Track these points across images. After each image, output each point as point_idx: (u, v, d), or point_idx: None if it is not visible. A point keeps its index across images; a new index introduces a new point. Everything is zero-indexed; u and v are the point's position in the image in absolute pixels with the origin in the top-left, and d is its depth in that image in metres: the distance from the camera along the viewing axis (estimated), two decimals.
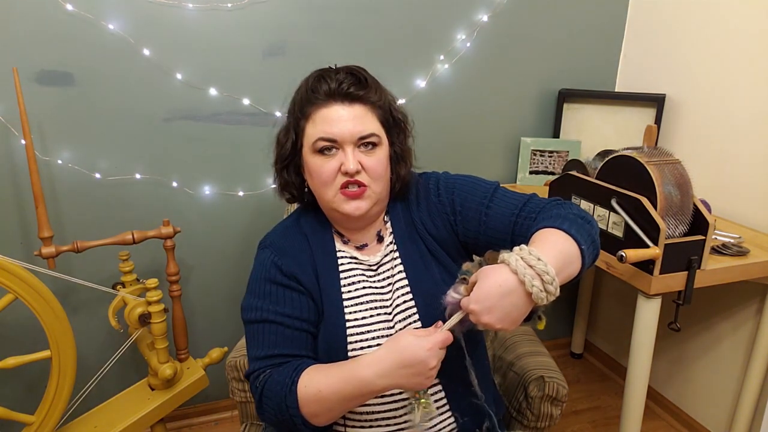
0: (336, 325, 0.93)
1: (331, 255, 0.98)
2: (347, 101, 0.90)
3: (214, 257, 1.72)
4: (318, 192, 0.94)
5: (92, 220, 1.55)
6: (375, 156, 0.92)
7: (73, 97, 1.46)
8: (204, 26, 1.51)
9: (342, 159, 0.89)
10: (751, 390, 1.51)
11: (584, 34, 1.90)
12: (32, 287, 1.16)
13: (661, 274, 1.22)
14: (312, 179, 0.94)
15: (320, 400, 0.83)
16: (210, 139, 1.61)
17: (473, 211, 0.96)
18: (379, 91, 0.94)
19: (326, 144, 0.89)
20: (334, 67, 0.95)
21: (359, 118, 0.90)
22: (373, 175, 0.91)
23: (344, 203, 0.91)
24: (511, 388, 1.21)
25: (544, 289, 0.74)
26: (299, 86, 0.96)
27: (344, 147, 0.89)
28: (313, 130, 0.90)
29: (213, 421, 1.87)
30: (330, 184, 0.91)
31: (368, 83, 0.92)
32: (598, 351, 2.23)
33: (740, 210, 1.58)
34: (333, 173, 0.90)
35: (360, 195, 0.91)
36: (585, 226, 0.85)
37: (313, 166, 0.91)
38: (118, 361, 1.46)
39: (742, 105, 1.55)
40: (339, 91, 0.90)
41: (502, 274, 0.75)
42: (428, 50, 1.74)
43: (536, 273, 0.73)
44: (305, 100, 0.92)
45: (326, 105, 0.90)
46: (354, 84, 0.91)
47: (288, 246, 0.98)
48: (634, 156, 1.27)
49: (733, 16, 1.56)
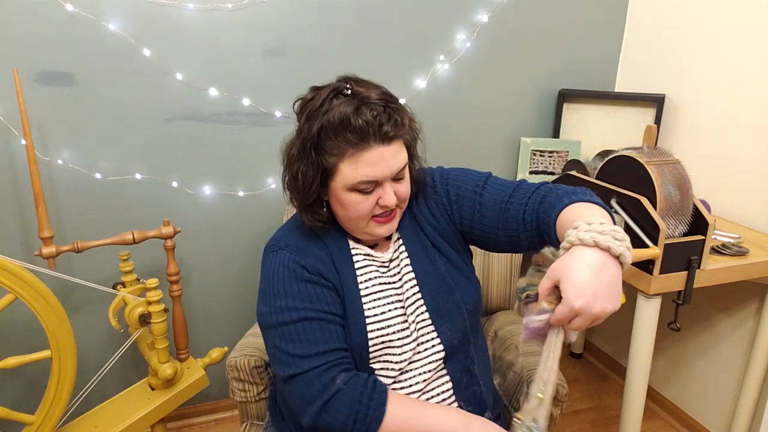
0: (357, 320, 0.94)
1: (346, 252, 0.99)
2: (386, 141, 0.87)
3: (214, 257, 1.72)
4: (350, 221, 0.94)
5: (92, 220, 1.55)
6: (405, 182, 0.94)
7: (73, 97, 1.46)
8: (204, 26, 1.51)
9: (380, 194, 0.90)
10: (751, 390, 1.51)
11: (584, 34, 1.90)
12: (32, 287, 1.16)
13: (660, 274, 1.22)
14: (346, 212, 0.93)
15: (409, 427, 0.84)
16: (210, 139, 1.61)
17: (467, 200, 0.98)
18: (406, 118, 0.91)
19: (368, 186, 0.89)
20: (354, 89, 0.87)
21: (396, 155, 0.89)
22: (403, 198, 0.94)
23: (377, 228, 0.94)
24: (511, 388, 1.21)
25: (626, 248, 0.70)
26: (317, 111, 0.87)
27: (383, 184, 0.90)
28: (354, 173, 0.87)
29: (213, 421, 1.87)
30: (366, 218, 0.92)
31: (401, 121, 0.89)
32: (598, 351, 2.23)
33: (740, 210, 1.58)
34: (371, 207, 0.91)
35: (392, 219, 0.94)
36: (587, 194, 0.87)
37: (350, 203, 0.91)
38: (118, 361, 1.46)
39: (742, 105, 1.55)
40: (380, 134, 0.86)
41: (582, 254, 0.69)
42: (428, 50, 1.74)
43: (610, 236, 0.70)
44: (337, 136, 0.86)
45: (367, 148, 0.86)
46: (388, 121, 0.86)
47: (305, 245, 0.97)
48: (633, 156, 1.27)
49: (733, 17, 1.56)
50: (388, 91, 0.91)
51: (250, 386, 1.22)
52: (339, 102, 0.86)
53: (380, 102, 0.87)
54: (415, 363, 0.96)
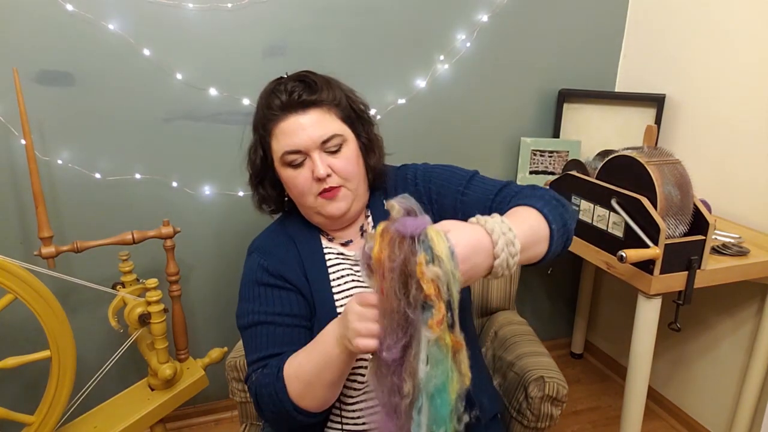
0: (328, 318, 0.93)
1: (317, 252, 1.00)
2: (301, 109, 0.91)
3: (214, 257, 1.72)
4: (298, 201, 0.98)
5: (92, 220, 1.55)
6: (342, 156, 0.93)
7: (73, 97, 1.46)
8: (204, 26, 1.51)
9: (311, 167, 0.91)
10: (751, 390, 1.51)
11: (584, 34, 1.90)
12: (32, 287, 1.16)
13: (661, 274, 1.22)
14: (290, 190, 0.97)
15: (299, 376, 0.83)
16: (210, 139, 1.61)
17: (449, 199, 0.97)
18: (331, 89, 0.94)
19: (293, 157, 0.92)
20: (285, 77, 0.96)
21: (318, 123, 0.91)
22: (344, 175, 0.93)
23: (326, 205, 0.94)
24: (511, 388, 1.21)
25: (506, 264, 0.70)
26: (258, 101, 0.97)
27: (311, 154, 0.91)
28: (278, 145, 0.93)
29: (213, 421, 1.87)
30: (308, 193, 0.93)
31: (318, 85, 0.93)
32: (598, 351, 2.23)
33: (740, 210, 1.58)
34: (308, 182, 0.92)
35: (335, 196, 0.93)
36: (559, 208, 0.84)
37: (288, 179, 0.95)
38: (118, 361, 1.46)
39: (742, 105, 1.55)
40: (291, 102, 0.90)
41: (477, 231, 0.70)
42: (428, 50, 1.74)
43: (505, 239, 0.70)
44: (264, 117, 0.94)
45: (284, 118, 0.91)
46: (305, 90, 0.91)
47: (273, 247, 1.00)
48: (634, 156, 1.27)
49: (733, 16, 1.56)
50: (324, 75, 0.96)
51: None
52: (269, 87, 0.95)
53: (298, 77, 0.94)
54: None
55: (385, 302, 0.65)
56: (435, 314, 0.62)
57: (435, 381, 0.64)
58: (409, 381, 0.65)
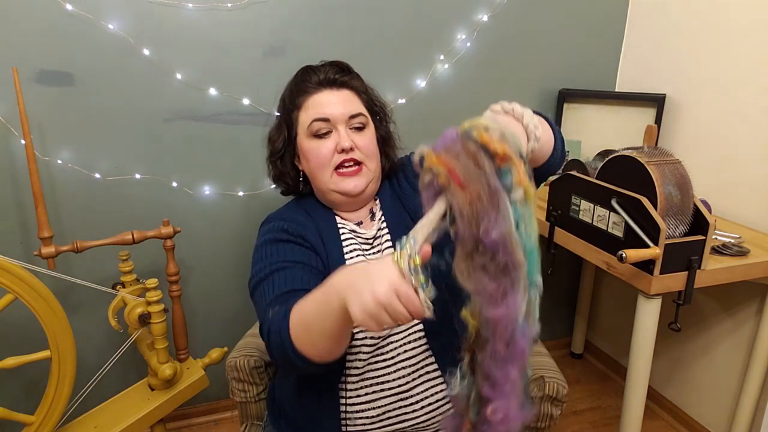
0: None
1: (333, 226, 1.04)
2: (335, 87, 1.02)
3: (214, 257, 1.72)
4: (315, 175, 1.02)
5: (92, 220, 1.55)
6: (366, 135, 1.02)
7: (73, 97, 1.46)
8: (204, 26, 1.51)
9: (336, 139, 0.98)
10: (751, 390, 1.51)
11: (584, 34, 1.90)
12: (32, 287, 1.16)
13: (661, 274, 1.22)
14: (309, 163, 1.02)
15: (301, 318, 0.78)
16: (210, 139, 1.61)
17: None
18: (361, 80, 1.07)
19: (321, 125, 0.98)
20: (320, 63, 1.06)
21: (348, 101, 1.01)
22: (366, 153, 1.01)
23: (342, 182, 1.00)
24: None
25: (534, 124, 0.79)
26: (288, 85, 1.07)
27: (337, 126, 0.99)
28: (306, 115, 1.00)
29: (213, 421, 1.87)
30: (327, 166, 0.99)
31: (351, 72, 1.05)
32: (598, 351, 2.23)
33: (740, 210, 1.58)
34: (330, 153, 0.99)
35: (357, 173, 1.00)
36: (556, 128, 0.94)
37: (310, 150, 1.00)
38: (118, 361, 1.46)
39: (742, 105, 1.55)
40: (328, 79, 1.01)
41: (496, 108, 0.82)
42: (428, 50, 1.74)
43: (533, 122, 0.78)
44: (296, 92, 1.03)
45: (317, 92, 1.01)
46: (339, 72, 1.03)
47: (295, 216, 1.05)
48: (634, 156, 1.27)
49: (734, 16, 1.56)
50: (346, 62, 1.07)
51: (250, 386, 1.22)
52: (303, 68, 1.07)
53: (333, 62, 1.05)
54: (394, 336, 0.98)
55: (471, 190, 0.65)
56: (515, 171, 0.65)
57: (534, 236, 0.66)
58: (518, 249, 0.64)
